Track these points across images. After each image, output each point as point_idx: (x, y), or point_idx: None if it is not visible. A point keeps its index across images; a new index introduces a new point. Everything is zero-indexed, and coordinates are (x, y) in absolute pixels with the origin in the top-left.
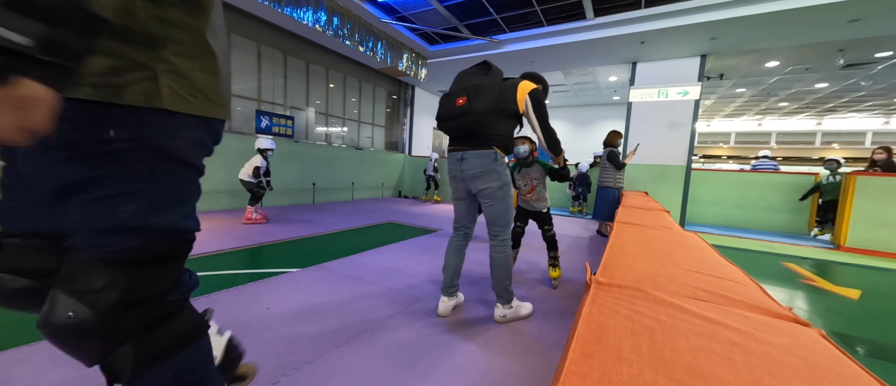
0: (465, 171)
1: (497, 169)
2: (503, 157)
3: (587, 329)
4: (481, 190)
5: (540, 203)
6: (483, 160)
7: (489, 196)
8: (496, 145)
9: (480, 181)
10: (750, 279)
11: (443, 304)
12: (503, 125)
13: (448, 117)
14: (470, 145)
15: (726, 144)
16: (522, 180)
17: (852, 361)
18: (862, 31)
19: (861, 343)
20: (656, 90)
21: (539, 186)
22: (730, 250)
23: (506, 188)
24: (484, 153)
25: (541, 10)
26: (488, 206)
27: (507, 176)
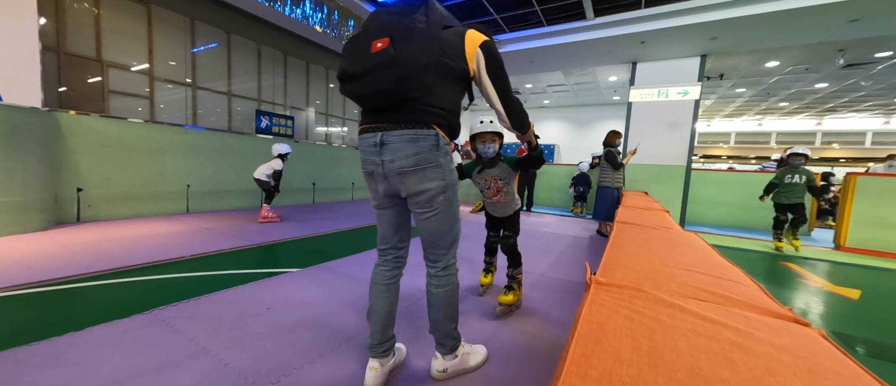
0: (387, 165)
1: (439, 161)
2: (447, 144)
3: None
4: (414, 194)
5: (510, 205)
6: (416, 146)
7: (426, 204)
8: (437, 123)
9: (413, 180)
10: (750, 279)
11: (371, 372)
12: (446, 92)
13: (357, 73)
14: (395, 121)
15: (726, 144)
16: (483, 182)
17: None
18: (862, 31)
19: (861, 343)
20: (656, 90)
21: (506, 187)
22: (730, 250)
23: (451, 191)
24: (417, 135)
25: (541, 10)
26: (424, 217)
27: (453, 173)
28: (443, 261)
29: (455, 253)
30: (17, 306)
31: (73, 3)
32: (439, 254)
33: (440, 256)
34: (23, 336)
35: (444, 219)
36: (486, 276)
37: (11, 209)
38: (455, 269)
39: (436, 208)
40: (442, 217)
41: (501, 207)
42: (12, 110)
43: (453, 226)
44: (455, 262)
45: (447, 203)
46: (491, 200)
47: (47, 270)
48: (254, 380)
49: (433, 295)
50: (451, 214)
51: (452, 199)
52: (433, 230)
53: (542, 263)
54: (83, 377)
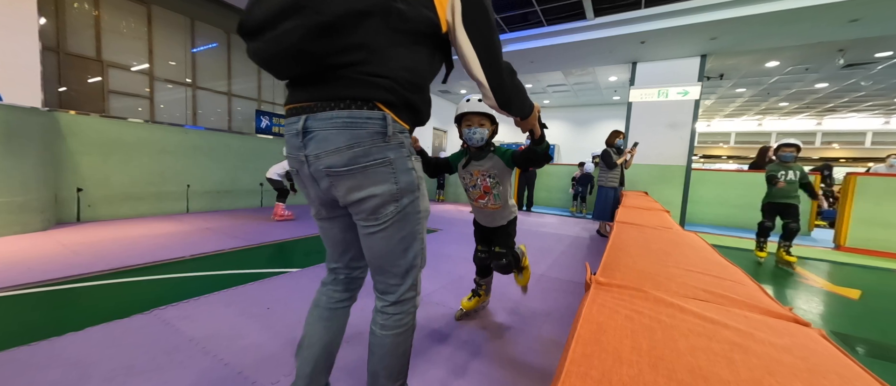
0: (312, 162)
1: (386, 156)
2: (404, 132)
3: (587, 329)
4: (354, 202)
5: (501, 212)
6: (350, 135)
7: (369, 215)
8: (384, 101)
9: (348, 184)
10: (750, 279)
11: None
12: (400, 55)
13: (256, 25)
14: (320, 98)
15: (726, 144)
16: (468, 177)
17: (852, 361)
18: (862, 31)
19: (861, 343)
20: (656, 90)
21: (497, 188)
22: (730, 250)
23: (409, 200)
24: (353, 119)
25: (541, 10)
26: (367, 232)
27: (411, 174)
28: (394, 293)
29: (414, 284)
30: (17, 306)
31: (73, 3)
32: (389, 284)
33: (390, 288)
34: (23, 336)
35: (394, 236)
36: (471, 299)
37: (11, 209)
38: (413, 306)
39: (382, 222)
40: (392, 233)
41: (490, 215)
42: (12, 110)
43: (410, 246)
44: (414, 296)
45: (401, 216)
46: (476, 202)
47: (47, 270)
48: (254, 380)
49: (375, 338)
50: (408, 230)
51: (410, 210)
52: (379, 251)
53: (542, 263)
54: (83, 377)
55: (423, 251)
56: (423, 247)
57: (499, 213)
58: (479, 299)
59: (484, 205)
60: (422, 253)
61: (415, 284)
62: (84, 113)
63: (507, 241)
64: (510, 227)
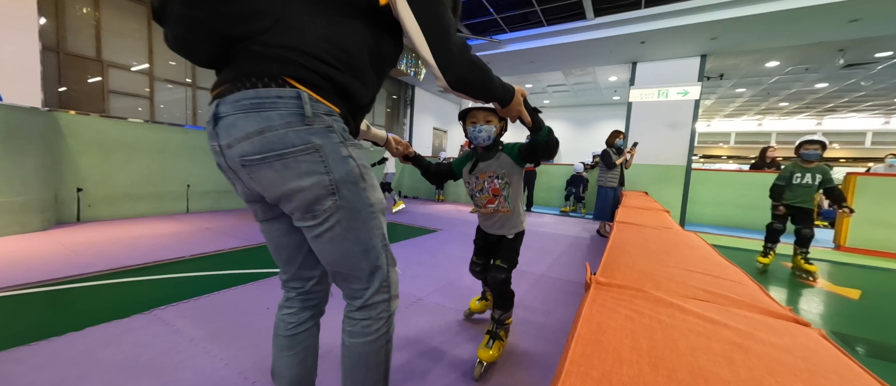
0: (226, 152)
1: (311, 141)
2: (332, 114)
3: (587, 329)
4: (282, 198)
5: (511, 219)
6: (260, 119)
7: (305, 213)
8: (299, 77)
9: (267, 175)
10: (750, 279)
11: None
12: (321, 26)
13: (161, 3)
14: (228, 78)
15: (726, 144)
16: (474, 181)
17: (852, 361)
18: (862, 31)
19: (861, 343)
20: (656, 90)
21: (507, 190)
22: (730, 250)
23: (350, 190)
24: (260, 99)
25: (541, 10)
26: (314, 235)
27: (348, 162)
28: (360, 297)
29: (384, 286)
30: (17, 306)
31: (74, 3)
32: (354, 289)
33: (356, 292)
34: (23, 336)
35: (345, 236)
36: (480, 301)
37: (11, 209)
38: (385, 311)
39: (322, 220)
40: (341, 232)
41: (499, 221)
42: (12, 110)
43: (369, 245)
44: (387, 300)
45: (346, 212)
46: (484, 208)
47: (47, 270)
48: (254, 380)
49: (344, 348)
50: (360, 226)
51: (357, 204)
52: (333, 255)
53: (542, 263)
54: (83, 377)
55: (386, 248)
56: (385, 244)
57: (509, 219)
58: (487, 303)
59: (494, 210)
60: (386, 251)
61: (385, 286)
62: (84, 113)
63: (510, 256)
64: (516, 241)
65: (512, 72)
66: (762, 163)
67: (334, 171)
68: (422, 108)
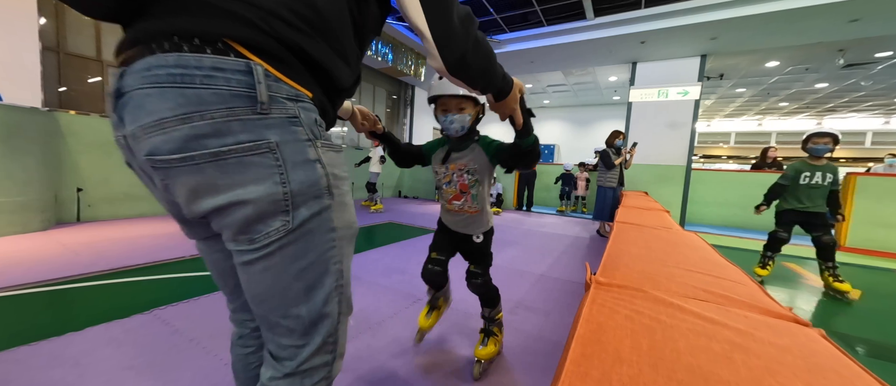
0: (133, 147)
1: (264, 138)
2: (298, 98)
3: (587, 329)
4: (210, 213)
5: (478, 218)
6: (184, 97)
7: (242, 234)
8: (246, 42)
9: (191, 182)
10: (750, 279)
11: None
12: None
13: None
14: (140, 39)
15: (726, 144)
16: (444, 172)
17: (852, 361)
18: (862, 31)
19: (861, 343)
20: (656, 90)
21: (476, 188)
22: (730, 250)
23: (316, 213)
24: (185, 68)
25: (541, 10)
26: (244, 262)
27: (317, 171)
28: (291, 359)
29: (329, 340)
30: (17, 306)
31: None
32: (282, 344)
33: (284, 350)
34: (23, 336)
35: (286, 268)
36: (429, 314)
37: (11, 209)
38: (324, 379)
39: (261, 246)
40: (281, 264)
41: (465, 220)
42: (12, 110)
43: (317, 284)
44: (329, 361)
45: (297, 237)
46: (450, 203)
47: (47, 270)
48: None
49: None
50: (309, 255)
51: (315, 227)
52: (261, 292)
53: (542, 263)
54: (83, 377)
55: (342, 290)
56: (341, 283)
57: (476, 219)
58: (439, 312)
59: (459, 207)
60: (340, 293)
61: (331, 343)
62: (84, 113)
63: (485, 260)
64: (487, 242)
65: (512, 72)
66: (763, 163)
67: (293, 181)
68: (422, 108)
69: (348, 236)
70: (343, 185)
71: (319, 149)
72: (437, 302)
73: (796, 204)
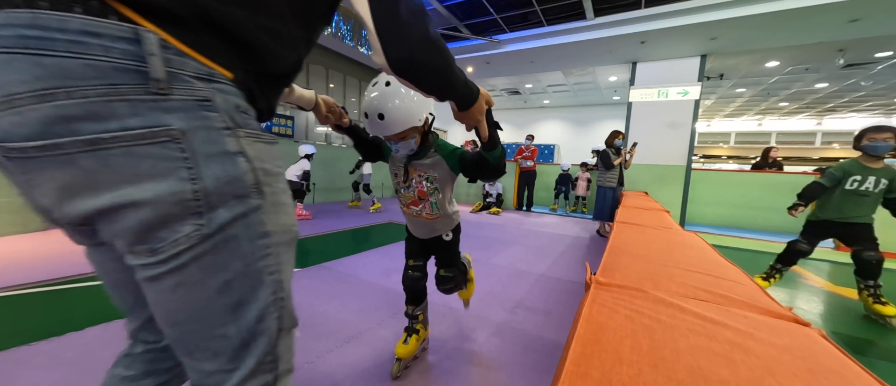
0: None
1: (163, 125)
2: (213, 78)
3: (587, 329)
4: (98, 214)
5: (438, 223)
6: (44, 67)
7: (140, 244)
8: (144, 1)
9: (61, 178)
10: (750, 279)
11: None
12: None
13: None
14: None
15: (726, 144)
16: (402, 174)
17: (852, 361)
18: (862, 31)
19: (861, 343)
20: (656, 90)
21: (436, 195)
22: (730, 250)
23: (240, 216)
24: (44, 31)
25: (541, 10)
26: (147, 278)
27: (240, 165)
28: None
29: (266, 361)
30: (17, 306)
31: None
32: (204, 371)
33: (212, 378)
34: (23, 336)
35: (202, 281)
36: (407, 340)
37: (11, 209)
38: None
39: (166, 257)
40: (196, 277)
41: (426, 226)
42: None
43: (245, 295)
44: (269, 382)
45: (214, 244)
46: (407, 208)
47: (47, 270)
48: None
49: None
50: (234, 267)
51: (238, 230)
52: (174, 313)
53: (542, 263)
54: (83, 377)
55: (281, 303)
56: (280, 296)
57: (435, 224)
58: (418, 337)
59: (417, 213)
60: (279, 307)
61: (269, 364)
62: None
63: (453, 259)
64: (453, 242)
65: (512, 72)
66: (765, 163)
67: (206, 177)
68: None
69: (286, 242)
70: (277, 182)
71: (242, 140)
72: (416, 324)
73: (835, 214)
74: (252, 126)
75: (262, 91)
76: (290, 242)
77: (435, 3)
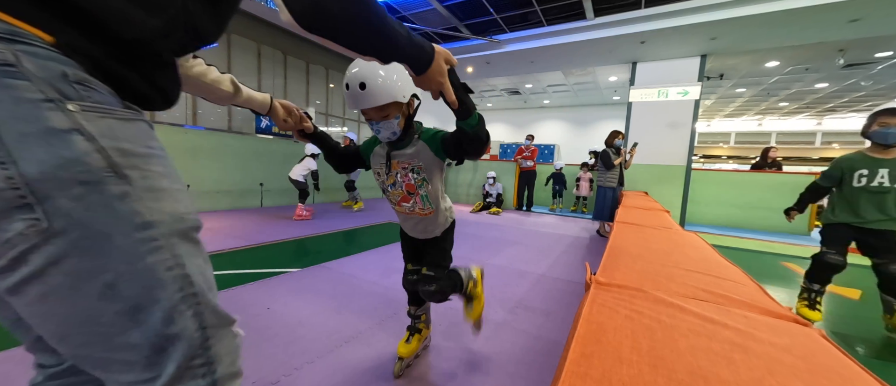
0: None
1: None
2: (25, 40)
3: (587, 329)
4: None
5: (434, 219)
6: None
7: None
8: None
9: None
10: (750, 279)
11: None
12: None
13: None
14: None
15: (726, 144)
16: (385, 173)
17: (852, 361)
18: (862, 31)
19: (861, 343)
20: (656, 90)
21: (425, 186)
22: (730, 250)
23: (91, 202)
24: None
25: (541, 10)
26: (8, 293)
27: (76, 144)
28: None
29: (193, 363)
30: None
31: None
32: (124, 380)
33: None
34: None
35: (73, 287)
36: (409, 340)
37: None
38: None
39: (6, 264)
40: (64, 284)
41: (421, 223)
42: None
43: (141, 296)
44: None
45: (68, 240)
46: (399, 206)
47: None
48: (254, 380)
49: None
50: (111, 264)
51: (97, 221)
52: (55, 328)
53: (542, 263)
54: None
55: (198, 301)
56: (193, 292)
57: (431, 220)
58: (420, 337)
59: (410, 210)
60: (196, 306)
61: (197, 368)
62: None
63: (440, 258)
64: (445, 239)
65: (512, 72)
66: (764, 163)
67: (25, 161)
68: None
69: (179, 232)
70: (148, 165)
71: (78, 114)
72: (418, 323)
73: (850, 217)
74: (95, 100)
75: (123, 64)
76: (187, 232)
77: (435, 3)
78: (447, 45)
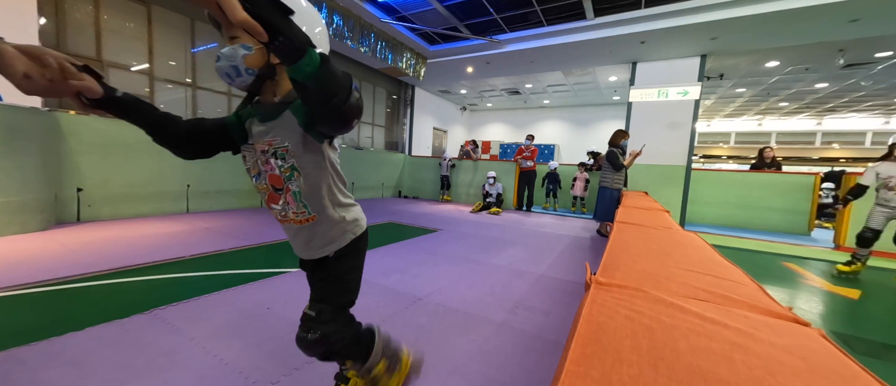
0: None
1: None
2: None
3: (587, 329)
4: None
5: (318, 229)
6: None
7: None
8: None
9: None
10: (750, 279)
11: None
12: None
13: None
14: None
15: (726, 144)
16: (250, 156)
17: (852, 361)
18: (862, 31)
19: (861, 343)
20: (656, 90)
21: (295, 181)
22: (730, 250)
23: None
24: None
25: (541, 10)
26: None
27: None
28: None
29: None
30: (17, 306)
31: (74, 3)
32: None
33: None
34: (23, 336)
35: None
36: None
37: (11, 209)
38: None
39: None
40: None
41: (300, 235)
42: (12, 110)
43: None
44: None
45: None
46: (270, 207)
47: (47, 270)
48: (254, 380)
49: None
50: None
51: None
52: None
53: (542, 263)
54: (83, 377)
55: None
56: None
57: (313, 231)
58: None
59: (281, 214)
60: None
61: None
62: (84, 113)
63: (329, 293)
64: (342, 264)
65: (512, 72)
66: (762, 163)
67: None
68: (422, 109)
69: None
70: None
71: None
72: (344, 369)
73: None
74: None
75: None
76: None
77: (435, 3)
78: (447, 45)
